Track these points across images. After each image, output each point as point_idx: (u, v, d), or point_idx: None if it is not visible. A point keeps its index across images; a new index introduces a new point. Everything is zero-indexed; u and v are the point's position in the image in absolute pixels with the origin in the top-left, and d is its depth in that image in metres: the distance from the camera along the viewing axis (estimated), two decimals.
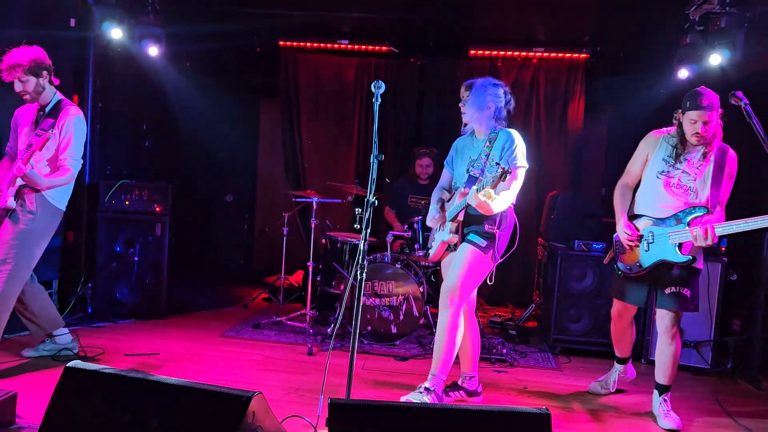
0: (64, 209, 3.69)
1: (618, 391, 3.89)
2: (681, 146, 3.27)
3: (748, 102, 2.99)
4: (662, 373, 3.43)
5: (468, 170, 3.39)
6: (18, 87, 3.50)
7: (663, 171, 3.32)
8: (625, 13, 5.17)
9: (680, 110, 3.25)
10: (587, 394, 3.87)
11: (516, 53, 6.32)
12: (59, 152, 3.56)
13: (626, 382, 3.91)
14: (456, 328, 3.28)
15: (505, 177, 2.87)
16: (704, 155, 3.23)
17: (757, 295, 4.39)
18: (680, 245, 3.19)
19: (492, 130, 3.35)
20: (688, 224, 3.16)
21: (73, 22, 4.90)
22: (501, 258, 3.34)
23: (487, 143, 3.33)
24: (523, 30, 5.99)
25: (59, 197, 3.63)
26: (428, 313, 4.81)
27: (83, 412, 2.20)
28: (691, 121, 3.17)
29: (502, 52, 6.32)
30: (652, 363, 4.07)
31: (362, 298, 4.18)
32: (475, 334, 3.53)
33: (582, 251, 4.64)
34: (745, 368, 4.32)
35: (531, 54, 6.26)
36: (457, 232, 3.35)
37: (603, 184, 6.50)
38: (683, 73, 4.93)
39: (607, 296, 4.31)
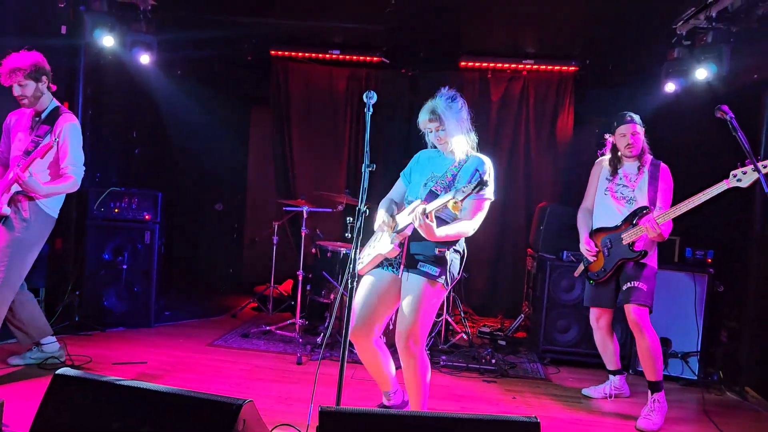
0: (56, 216, 3.66)
1: (609, 401, 3.94)
2: (618, 163, 3.79)
3: (733, 116, 3.04)
4: (644, 368, 3.62)
5: (427, 184, 3.01)
6: (17, 91, 3.48)
7: (606, 188, 3.83)
8: (613, 27, 5.23)
9: (610, 134, 3.82)
10: (576, 403, 3.89)
11: (506, 65, 6.36)
12: (59, 161, 3.55)
13: (622, 397, 4.00)
14: (426, 370, 3.01)
15: (481, 189, 2.58)
16: (638, 168, 3.74)
17: (744, 307, 4.45)
18: (632, 243, 3.59)
19: (464, 151, 3.01)
20: (638, 223, 3.57)
21: (64, 30, 4.88)
22: (450, 286, 2.97)
23: (456, 163, 2.99)
24: (513, 42, 6.03)
25: (52, 205, 3.60)
26: None
27: (72, 420, 2.17)
28: (621, 135, 3.73)
29: (492, 64, 6.37)
30: (639, 373, 4.14)
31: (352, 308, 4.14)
32: (384, 352, 3.20)
33: (571, 262, 4.66)
34: (733, 379, 4.36)
35: (521, 66, 6.31)
36: (401, 246, 2.93)
37: None
38: (670, 87, 4.99)
39: None
